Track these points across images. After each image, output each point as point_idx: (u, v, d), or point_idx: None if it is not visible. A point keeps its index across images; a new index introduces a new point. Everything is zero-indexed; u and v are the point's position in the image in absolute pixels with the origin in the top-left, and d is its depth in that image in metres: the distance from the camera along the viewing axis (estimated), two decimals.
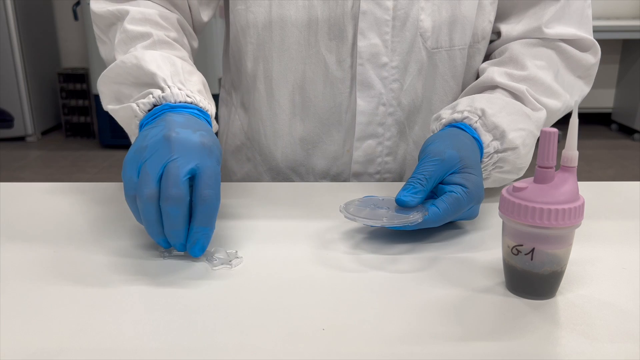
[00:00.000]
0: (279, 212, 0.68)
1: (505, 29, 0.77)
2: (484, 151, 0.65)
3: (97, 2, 0.74)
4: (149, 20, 0.71)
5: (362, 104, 0.76)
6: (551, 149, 0.46)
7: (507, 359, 0.41)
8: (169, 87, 0.62)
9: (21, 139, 3.93)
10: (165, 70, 0.63)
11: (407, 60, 0.75)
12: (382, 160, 0.80)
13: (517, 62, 0.74)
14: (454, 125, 0.67)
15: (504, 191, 0.49)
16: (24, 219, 0.66)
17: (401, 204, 0.57)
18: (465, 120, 0.66)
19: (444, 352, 0.42)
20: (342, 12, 0.73)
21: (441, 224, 0.58)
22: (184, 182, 0.52)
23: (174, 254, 0.56)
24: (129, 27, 0.69)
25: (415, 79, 0.77)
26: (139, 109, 0.62)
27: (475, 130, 0.65)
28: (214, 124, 0.66)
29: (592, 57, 0.77)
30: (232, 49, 0.83)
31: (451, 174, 0.59)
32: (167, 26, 0.72)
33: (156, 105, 0.62)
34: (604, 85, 4.21)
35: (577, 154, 0.47)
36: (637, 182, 0.77)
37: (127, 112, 0.64)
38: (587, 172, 3.22)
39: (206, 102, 0.64)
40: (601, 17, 3.91)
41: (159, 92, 0.62)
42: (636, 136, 3.92)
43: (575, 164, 0.47)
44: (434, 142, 0.61)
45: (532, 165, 0.49)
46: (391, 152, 0.81)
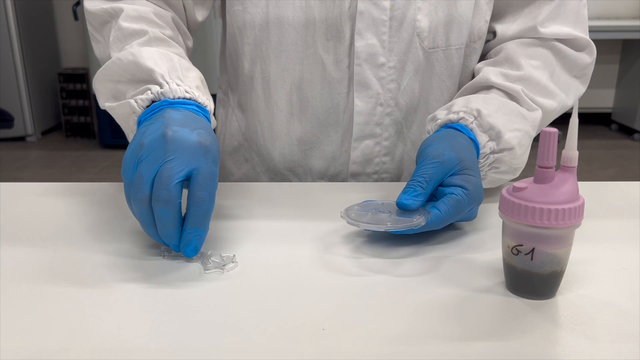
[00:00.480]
0: (278, 213, 0.68)
1: (500, 28, 0.77)
2: (480, 152, 0.65)
3: (90, 1, 0.74)
4: (143, 17, 0.70)
5: (360, 104, 0.76)
6: (551, 149, 0.46)
7: (507, 359, 0.41)
8: (167, 83, 0.62)
9: (21, 139, 3.93)
10: (162, 66, 0.63)
11: (405, 60, 0.75)
12: (379, 160, 0.80)
13: (512, 62, 0.74)
14: (450, 126, 0.67)
15: (504, 191, 0.49)
16: (24, 219, 0.66)
17: (403, 208, 0.56)
18: (461, 121, 0.66)
19: (444, 352, 0.42)
20: (339, 13, 0.73)
21: (443, 226, 0.58)
22: (175, 186, 0.51)
23: (173, 253, 0.56)
24: (124, 24, 0.69)
25: (412, 79, 0.77)
26: (137, 105, 0.62)
27: (471, 130, 0.65)
28: (213, 120, 0.65)
29: (588, 57, 0.77)
30: (229, 49, 0.83)
31: (450, 176, 0.59)
32: (162, 24, 0.72)
33: (154, 101, 0.61)
34: (604, 85, 4.21)
35: (577, 154, 0.47)
36: (637, 182, 0.77)
37: (125, 109, 0.64)
38: (587, 172, 3.22)
39: (205, 98, 0.64)
40: (601, 17, 3.91)
41: (157, 88, 0.61)
42: (636, 136, 3.92)
43: (575, 164, 0.47)
44: (431, 144, 0.61)
45: (532, 165, 0.49)
46: (389, 152, 0.80)
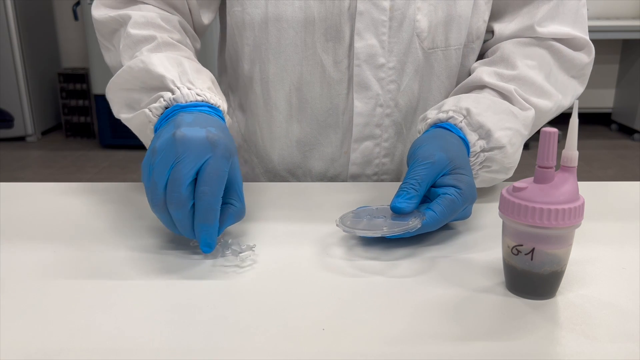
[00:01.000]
0: (277, 213, 0.68)
1: (498, 27, 0.77)
2: (470, 150, 0.65)
3: (98, 10, 0.74)
4: (151, 23, 0.71)
5: (360, 105, 0.76)
6: (551, 149, 0.46)
7: (507, 359, 0.41)
8: (178, 89, 0.62)
9: (21, 139, 3.93)
10: (172, 71, 0.64)
11: (404, 60, 0.75)
12: (379, 161, 0.80)
13: (507, 62, 0.74)
14: (440, 125, 0.67)
15: (504, 191, 0.49)
16: (24, 219, 0.66)
17: (397, 211, 0.56)
18: (450, 120, 0.66)
19: (444, 352, 0.42)
20: (338, 13, 0.72)
21: (437, 228, 0.58)
22: (186, 188, 0.52)
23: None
24: (133, 31, 0.70)
25: (412, 80, 0.76)
26: (152, 113, 0.63)
27: (460, 129, 0.65)
28: (227, 118, 0.66)
29: (586, 57, 0.77)
30: (229, 50, 0.83)
31: (442, 176, 0.59)
32: (169, 28, 0.73)
33: (168, 107, 0.62)
34: (604, 85, 4.21)
35: (577, 154, 0.47)
36: (637, 182, 0.77)
37: (141, 119, 0.65)
38: (587, 172, 3.22)
39: (217, 98, 0.64)
40: (601, 17, 3.91)
41: (169, 95, 0.62)
42: (636, 136, 3.92)
43: (575, 164, 0.47)
44: (421, 146, 0.61)
45: (532, 165, 0.49)
46: (389, 154, 0.80)
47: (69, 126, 4.06)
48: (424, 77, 0.77)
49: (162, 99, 0.62)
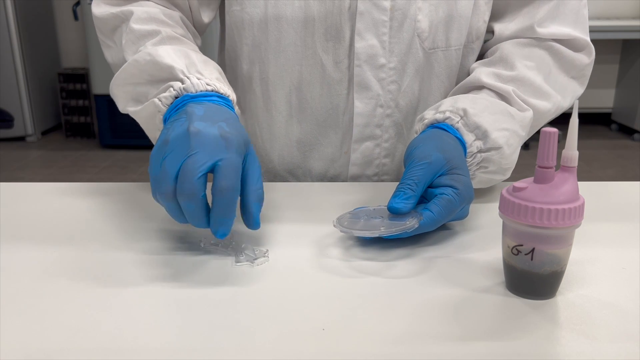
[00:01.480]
0: (277, 214, 0.68)
1: (498, 27, 0.77)
2: (467, 151, 0.65)
3: (98, 7, 0.74)
4: (154, 18, 0.71)
5: (360, 105, 0.76)
6: (551, 149, 0.46)
7: (507, 359, 0.41)
8: (187, 78, 0.62)
9: (21, 139, 3.93)
10: (180, 62, 0.64)
11: (405, 61, 0.75)
12: (380, 162, 0.80)
13: (506, 62, 0.74)
14: (437, 125, 0.67)
15: (504, 191, 0.49)
16: (24, 219, 0.66)
17: (394, 212, 0.56)
18: (447, 120, 0.66)
19: (443, 352, 0.42)
20: (339, 13, 0.72)
21: (434, 228, 0.58)
22: (198, 179, 0.51)
23: (212, 241, 0.58)
24: (136, 26, 0.69)
25: (412, 80, 0.76)
26: (162, 103, 0.63)
27: (457, 130, 0.65)
28: (237, 109, 0.66)
29: (586, 57, 0.77)
30: (228, 50, 0.82)
31: (439, 177, 0.59)
32: (172, 23, 0.72)
33: (177, 97, 0.62)
34: (604, 85, 4.21)
35: (577, 154, 0.47)
36: (637, 182, 0.77)
37: (149, 110, 0.64)
38: (587, 172, 3.22)
39: (226, 88, 0.64)
40: (601, 17, 3.91)
41: (179, 84, 0.62)
42: (636, 136, 3.92)
43: (575, 164, 0.47)
44: (418, 146, 0.61)
45: (532, 165, 0.49)
46: (389, 154, 0.80)
47: (69, 126, 4.06)
48: (424, 77, 0.77)
49: (171, 89, 0.62)
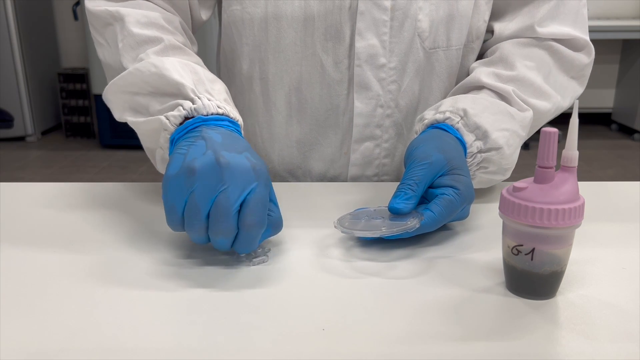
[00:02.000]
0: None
1: (498, 27, 0.77)
2: (467, 151, 0.65)
3: (92, 1, 0.71)
4: (154, 24, 0.68)
5: (360, 105, 0.76)
6: (551, 149, 0.46)
7: (507, 359, 0.41)
8: (199, 98, 0.60)
9: (21, 139, 3.93)
10: (188, 78, 0.62)
11: (405, 61, 0.75)
12: (380, 162, 0.80)
13: (506, 62, 0.74)
14: (437, 126, 0.67)
15: (504, 191, 0.49)
16: (24, 219, 0.66)
17: (395, 212, 0.56)
18: (447, 120, 0.66)
19: (444, 352, 0.42)
20: (339, 12, 0.72)
21: (435, 228, 0.58)
22: (234, 216, 0.51)
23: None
24: (135, 30, 0.67)
25: (412, 80, 0.76)
26: (170, 122, 0.60)
27: (457, 130, 0.65)
28: (243, 133, 0.64)
29: (586, 57, 0.77)
30: (224, 49, 0.81)
31: (440, 177, 0.59)
32: (173, 30, 0.71)
33: (187, 117, 0.60)
34: (604, 85, 4.21)
35: (577, 154, 0.47)
36: (637, 182, 0.77)
37: (153, 125, 0.62)
38: (587, 172, 3.22)
39: (235, 112, 0.62)
40: (601, 17, 3.91)
41: (189, 104, 0.60)
42: (636, 136, 3.92)
43: (575, 164, 0.47)
44: (419, 146, 0.61)
45: (532, 165, 0.49)
46: (389, 154, 0.80)
47: (69, 126, 4.06)
48: (425, 77, 0.77)
49: (181, 108, 0.60)
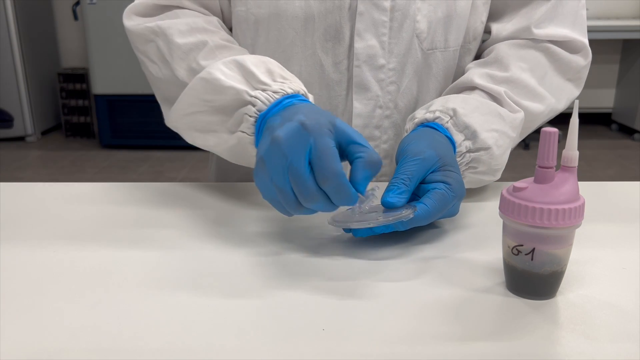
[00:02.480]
0: (277, 213, 0.67)
1: (496, 28, 0.77)
2: (457, 150, 0.65)
3: (130, 19, 0.72)
4: (196, 28, 0.70)
5: (359, 106, 0.76)
6: (551, 149, 0.46)
7: (507, 359, 0.41)
8: (256, 98, 0.61)
9: (21, 139, 3.93)
10: (238, 78, 0.63)
11: (404, 62, 0.75)
12: None
13: (501, 63, 0.74)
14: (427, 125, 0.67)
15: (504, 191, 0.49)
16: (24, 219, 0.66)
17: (388, 206, 0.56)
18: (437, 120, 0.67)
19: (444, 352, 0.42)
20: (338, 13, 0.72)
21: (428, 222, 0.58)
22: (309, 179, 0.52)
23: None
24: (181, 41, 0.68)
25: (411, 81, 0.76)
26: (247, 134, 0.62)
27: (447, 129, 0.66)
28: (310, 96, 0.64)
29: (583, 60, 0.77)
30: None
31: (432, 173, 0.59)
32: (215, 29, 0.72)
33: (256, 120, 0.61)
34: (604, 85, 4.21)
35: (577, 154, 0.47)
36: (637, 182, 0.77)
37: (230, 142, 0.65)
38: (587, 172, 3.22)
39: (288, 84, 0.63)
40: (601, 17, 3.91)
41: (252, 109, 0.61)
42: (636, 136, 3.92)
43: (575, 164, 0.47)
44: (411, 143, 0.61)
45: (532, 165, 0.49)
46: (388, 155, 0.80)
47: (69, 126, 4.06)
48: (422, 78, 0.77)
49: (247, 116, 0.61)
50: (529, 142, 3.56)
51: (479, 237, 0.61)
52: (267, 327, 0.45)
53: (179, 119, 0.69)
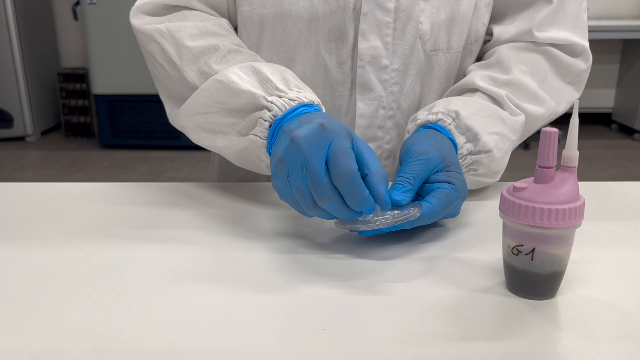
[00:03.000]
0: (277, 213, 0.68)
1: (497, 30, 0.77)
2: (458, 152, 0.66)
3: (138, 18, 0.72)
4: (207, 32, 0.70)
5: (362, 107, 0.76)
6: (551, 149, 0.46)
7: (507, 359, 0.41)
8: (272, 103, 0.62)
9: (21, 139, 3.93)
10: (254, 83, 0.63)
11: (407, 62, 0.75)
12: (381, 164, 0.80)
13: (502, 66, 0.74)
14: (430, 126, 0.67)
15: (504, 191, 0.49)
16: (24, 219, 0.66)
17: (393, 204, 0.56)
18: (439, 122, 0.67)
19: (444, 353, 0.42)
20: (343, 13, 0.72)
21: (432, 221, 0.59)
22: (325, 177, 0.52)
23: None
24: (191, 44, 0.68)
25: (414, 82, 0.76)
26: (260, 137, 0.62)
27: (449, 131, 0.66)
28: (323, 109, 0.65)
29: (583, 63, 0.77)
30: None
31: (435, 173, 0.59)
32: (225, 33, 0.72)
33: (271, 125, 0.62)
34: (604, 85, 4.21)
35: (577, 153, 0.47)
36: (637, 182, 0.77)
37: (241, 145, 0.65)
38: (587, 172, 3.22)
39: (304, 94, 0.63)
40: (601, 17, 3.91)
41: (267, 113, 0.62)
42: (636, 136, 3.92)
43: (575, 164, 0.47)
44: (415, 143, 0.62)
45: (532, 165, 0.49)
46: (390, 156, 0.80)
47: (69, 126, 4.06)
48: (425, 79, 0.77)
49: (261, 120, 0.62)
50: (529, 142, 3.56)
51: (480, 236, 0.61)
52: (267, 327, 0.45)
53: (187, 118, 0.69)
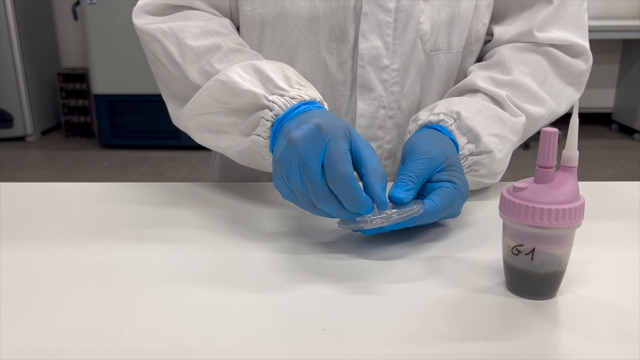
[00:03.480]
0: (277, 213, 0.68)
1: (498, 31, 0.77)
2: (459, 153, 0.66)
3: (140, 18, 0.72)
4: (209, 32, 0.70)
5: (363, 106, 0.76)
6: (551, 149, 0.46)
7: (507, 359, 0.41)
8: (274, 102, 0.62)
9: (21, 139, 3.93)
10: (255, 82, 0.63)
11: (408, 62, 0.75)
12: (381, 164, 0.80)
13: (503, 67, 0.74)
14: (431, 126, 0.68)
15: (504, 191, 0.49)
16: (24, 219, 0.66)
17: (396, 202, 0.57)
18: (441, 122, 0.67)
19: (444, 353, 0.42)
20: (343, 13, 0.72)
21: (435, 220, 0.59)
22: (321, 180, 0.52)
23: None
24: (194, 44, 0.69)
25: (414, 82, 0.76)
26: (262, 137, 0.63)
27: (451, 132, 0.66)
28: (325, 104, 0.65)
29: (583, 64, 0.77)
30: None
31: (438, 172, 0.60)
32: (227, 32, 0.72)
33: (273, 124, 0.62)
34: (604, 85, 4.21)
35: (577, 153, 0.47)
36: (637, 182, 0.77)
37: (244, 145, 0.65)
38: (587, 172, 3.22)
39: (305, 91, 0.63)
40: (601, 17, 3.91)
41: (269, 113, 0.62)
42: (636, 136, 3.92)
43: (575, 164, 0.47)
44: (418, 142, 0.62)
45: (532, 165, 0.49)
46: (390, 156, 0.80)
47: (69, 126, 4.06)
48: (425, 79, 0.77)
49: (263, 120, 0.62)
50: (529, 142, 3.56)
51: (480, 236, 0.61)
52: (267, 327, 0.45)
53: (190, 118, 0.69)
